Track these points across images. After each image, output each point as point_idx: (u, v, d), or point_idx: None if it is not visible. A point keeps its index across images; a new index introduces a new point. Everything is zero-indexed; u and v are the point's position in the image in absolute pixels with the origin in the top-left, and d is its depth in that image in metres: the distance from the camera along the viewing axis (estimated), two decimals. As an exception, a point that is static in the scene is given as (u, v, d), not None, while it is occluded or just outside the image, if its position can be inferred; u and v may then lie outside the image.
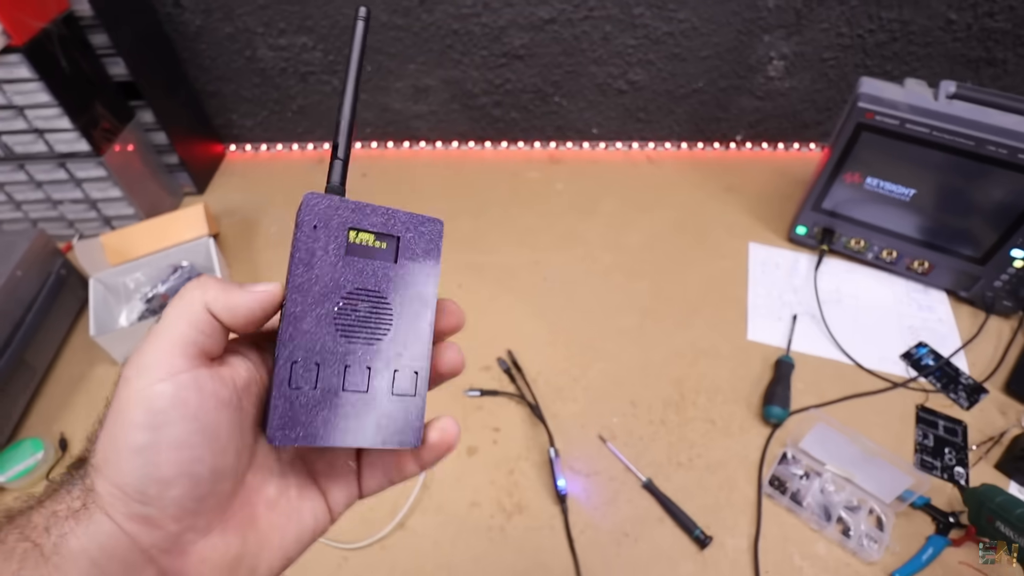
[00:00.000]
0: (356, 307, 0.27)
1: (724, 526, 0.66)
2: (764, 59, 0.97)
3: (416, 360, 0.28)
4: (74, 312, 0.88)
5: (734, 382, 0.79)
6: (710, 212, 1.01)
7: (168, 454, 0.23)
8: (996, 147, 0.71)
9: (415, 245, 0.28)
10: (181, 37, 0.99)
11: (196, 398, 0.23)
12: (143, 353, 0.23)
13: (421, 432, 0.28)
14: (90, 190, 0.93)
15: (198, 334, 0.24)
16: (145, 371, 0.23)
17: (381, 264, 0.28)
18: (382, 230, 0.28)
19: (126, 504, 0.22)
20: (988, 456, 0.71)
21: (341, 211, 0.27)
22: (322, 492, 0.29)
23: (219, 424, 0.24)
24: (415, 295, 0.28)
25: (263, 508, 0.27)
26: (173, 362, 0.23)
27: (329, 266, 0.27)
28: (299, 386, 0.26)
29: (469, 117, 1.09)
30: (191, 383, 0.23)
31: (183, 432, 0.23)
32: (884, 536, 0.64)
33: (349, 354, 0.27)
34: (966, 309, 0.86)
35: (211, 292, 0.25)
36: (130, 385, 0.23)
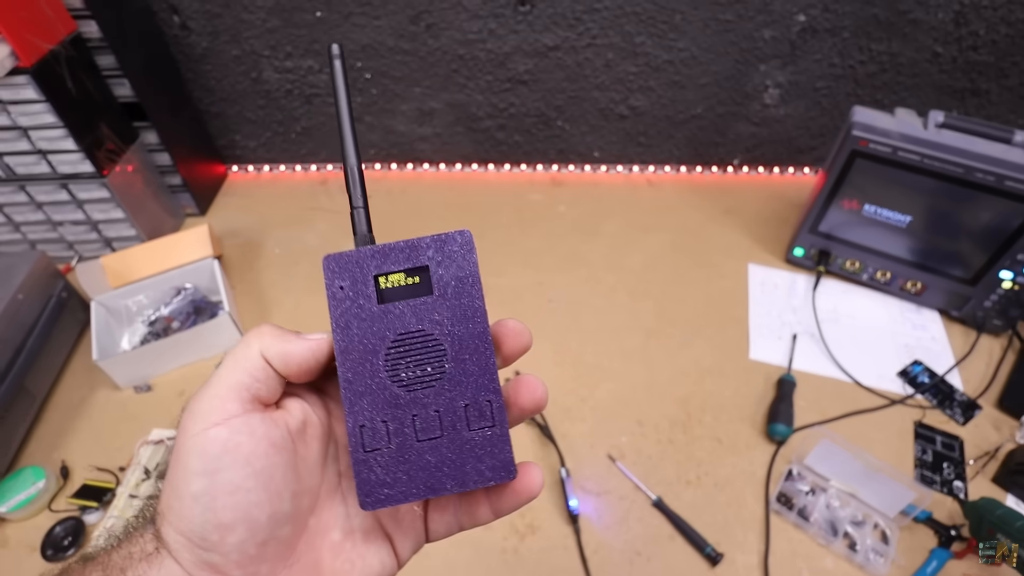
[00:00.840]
0: (405, 353, 0.26)
1: (734, 543, 0.68)
2: (760, 87, 1.01)
3: (484, 388, 0.26)
4: (75, 336, 0.87)
5: (738, 400, 0.81)
6: (709, 234, 1.04)
7: (225, 499, 0.23)
8: (984, 174, 0.75)
9: (447, 267, 0.26)
10: (187, 59, 1.00)
11: (248, 442, 0.24)
12: (199, 399, 0.24)
13: (513, 464, 0.26)
14: (92, 211, 0.93)
15: (252, 380, 0.24)
16: (200, 417, 0.24)
17: (418, 301, 0.26)
18: (408, 265, 0.26)
19: (191, 551, 0.23)
20: (985, 470, 0.73)
21: (362, 262, 0.26)
22: (388, 537, 0.28)
23: (273, 468, 0.24)
24: (462, 320, 0.26)
25: (328, 554, 0.27)
26: (226, 407, 0.24)
27: (367, 322, 0.26)
28: (373, 448, 0.25)
29: (473, 140, 1.11)
30: (243, 427, 0.24)
31: (237, 476, 0.23)
32: (890, 550, 0.66)
33: (413, 403, 0.26)
34: (958, 328, 0.89)
35: (267, 340, 0.25)
36: (186, 432, 0.23)
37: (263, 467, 0.24)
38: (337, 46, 0.28)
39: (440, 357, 0.26)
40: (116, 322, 0.87)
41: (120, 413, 0.80)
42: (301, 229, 1.05)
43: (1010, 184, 0.73)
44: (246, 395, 0.24)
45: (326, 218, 1.08)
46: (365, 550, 0.27)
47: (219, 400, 0.24)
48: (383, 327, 0.26)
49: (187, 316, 0.88)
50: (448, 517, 0.29)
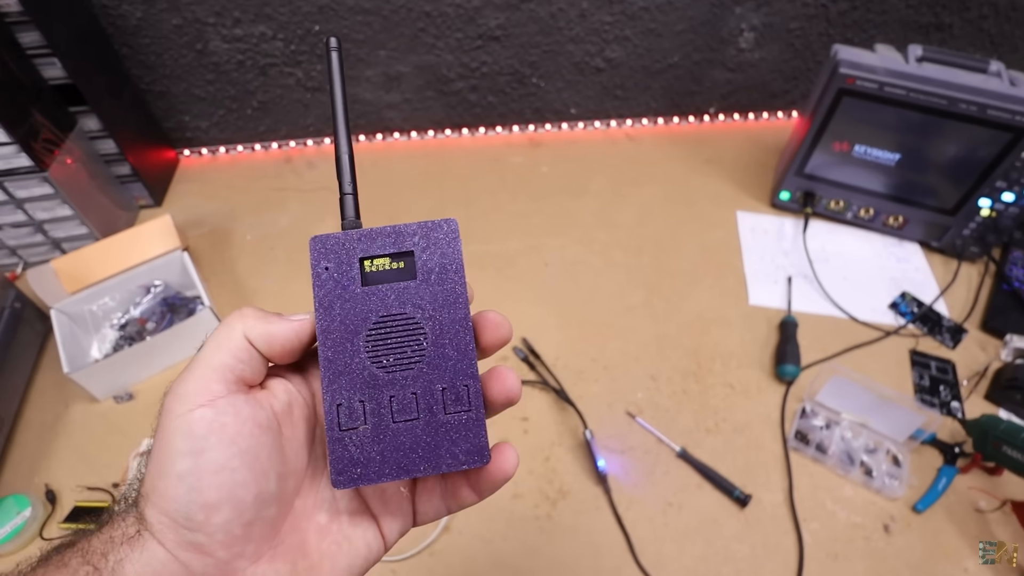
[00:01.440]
0: (386, 335, 0.26)
1: (759, 483, 0.69)
2: (735, 31, 1.00)
3: (462, 373, 0.27)
4: (36, 349, 0.79)
5: (745, 346, 0.82)
6: (694, 185, 1.03)
7: (210, 478, 0.23)
8: (967, 104, 0.76)
9: (431, 254, 0.27)
10: (120, 32, 0.90)
11: (234, 422, 0.24)
12: (183, 381, 0.24)
13: (487, 449, 0.27)
14: (34, 211, 0.83)
15: (236, 362, 0.25)
16: (184, 398, 0.24)
17: (402, 285, 0.27)
18: (394, 250, 0.27)
19: (175, 531, 0.23)
20: (977, 389, 0.77)
21: (348, 244, 0.27)
22: (375, 519, 0.28)
23: (258, 448, 0.24)
24: (444, 305, 0.27)
25: (313, 535, 0.26)
26: (211, 388, 0.24)
27: (349, 303, 0.26)
28: (349, 427, 0.26)
29: (445, 104, 1.06)
30: (228, 408, 0.24)
31: (223, 456, 0.23)
32: (903, 472, 0.69)
33: (391, 384, 0.26)
34: (938, 258, 0.93)
35: (250, 321, 0.25)
36: (171, 413, 0.23)
37: (249, 447, 0.24)
38: (335, 39, 0.29)
39: (420, 341, 0.27)
40: (82, 330, 0.79)
41: (102, 427, 0.74)
42: (271, 212, 0.99)
43: (992, 113, 0.76)
44: (230, 376, 0.24)
45: (296, 198, 1.01)
46: (352, 531, 0.27)
47: (204, 381, 0.24)
48: (366, 308, 0.26)
49: (162, 315, 0.81)
50: (435, 499, 0.29)
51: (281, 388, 0.27)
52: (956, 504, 0.67)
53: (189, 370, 0.24)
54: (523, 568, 0.63)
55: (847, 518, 0.66)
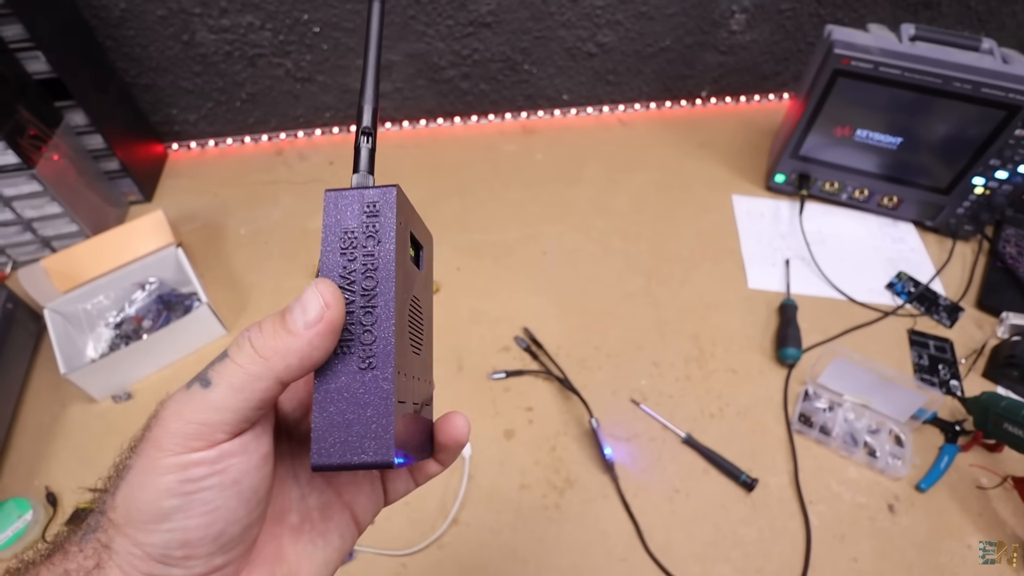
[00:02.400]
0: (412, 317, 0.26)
1: (764, 467, 0.70)
2: (727, 13, 0.99)
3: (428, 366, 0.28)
4: (30, 350, 0.78)
5: (745, 330, 0.82)
6: (688, 169, 1.03)
7: (200, 518, 0.21)
8: (961, 83, 0.76)
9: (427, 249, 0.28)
10: (103, 23, 0.87)
11: (240, 466, 0.21)
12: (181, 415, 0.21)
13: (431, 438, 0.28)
14: (23, 209, 0.81)
15: (255, 411, 0.21)
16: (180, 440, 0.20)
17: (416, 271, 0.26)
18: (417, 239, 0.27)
19: (147, 564, 0.20)
20: (975, 367, 0.78)
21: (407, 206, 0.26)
22: (347, 505, 0.27)
23: (260, 483, 0.22)
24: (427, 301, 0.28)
25: (288, 539, 0.25)
26: (216, 437, 0.21)
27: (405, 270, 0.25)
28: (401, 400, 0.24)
29: (437, 92, 1.04)
30: (238, 452, 0.21)
31: (220, 497, 0.21)
32: (906, 452, 0.70)
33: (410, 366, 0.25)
34: (932, 237, 0.93)
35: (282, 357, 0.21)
36: (160, 447, 0.20)
37: (252, 484, 0.22)
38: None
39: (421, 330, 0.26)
40: (76, 329, 0.78)
41: (101, 427, 0.73)
42: (264, 205, 0.97)
43: (986, 91, 0.76)
44: (244, 425, 0.21)
45: (288, 190, 1.00)
46: (324, 526, 0.26)
47: (208, 429, 0.21)
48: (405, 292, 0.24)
49: (158, 313, 0.80)
50: (404, 475, 0.29)
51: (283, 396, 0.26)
52: (958, 482, 0.68)
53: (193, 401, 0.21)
54: (532, 558, 0.63)
55: (852, 499, 0.67)
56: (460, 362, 0.77)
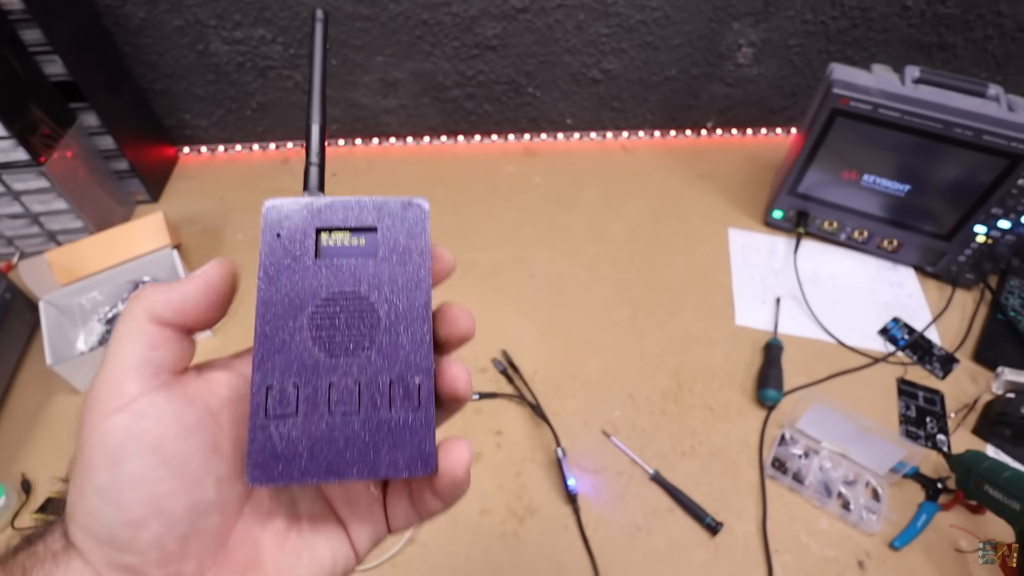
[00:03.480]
0: (334, 314, 0.24)
1: (732, 511, 0.68)
2: (733, 46, 0.99)
3: (414, 366, 0.24)
4: (24, 339, 0.80)
5: (727, 367, 0.80)
6: (687, 199, 1.02)
7: (131, 493, 0.20)
8: (963, 129, 0.75)
9: (396, 233, 0.25)
10: (123, 31, 0.91)
11: (156, 426, 0.21)
12: (96, 385, 0.21)
13: (434, 455, 0.23)
14: (31, 203, 0.85)
15: (149, 351, 0.22)
16: (97, 405, 0.21)
17: (359, 261, 0.24)
18: (356, 224, 0.25)
19: (102, 551, 0.20)
20: (965, 422, 0.75)
21: (306, 212, 0.24)
22: (342, 524, 0.25)
23: (189, 452, 0.21)
24: (403, 289, 0.24)
25: (269, 546, 0.24)
26: (124, 389, 0.21)
27: (298, 274, 0.24)
28: (278, 414, 0.22)
29: (441, 111, 1.06)
30: (148, 410, 0.21)
31: (143, 467, 0.20)
32: (881, 507, 0.67)
33: (332, 369, 0.23)
34: (932, 283, 0.91)
35: (152, 298, 0.22)
36: (85, 422, 0.21)
37: (175, 453, 0.21)
38: (321, 10, 0.28)
39: (372, 325, 0.24)
40: (69, 322, 0.80)
41: (82, 420, 0.75)
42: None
43: (987, 138, 0.74)
44: (147, 370, 0.21)
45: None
46: (314, 539, 0.24)
47: (116, 382, 0.21)
48: (315, 283, 0.24)
49: (147, 312, 0.82)
50: (404, 503, 0.26)
51: (224, 379, 0.24)
52: (935, 543, 0.65)
53: (100, 370, 0.21)
54: (485, 584, 0.63)
55: (821, 552, 0.65)
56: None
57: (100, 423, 0.21)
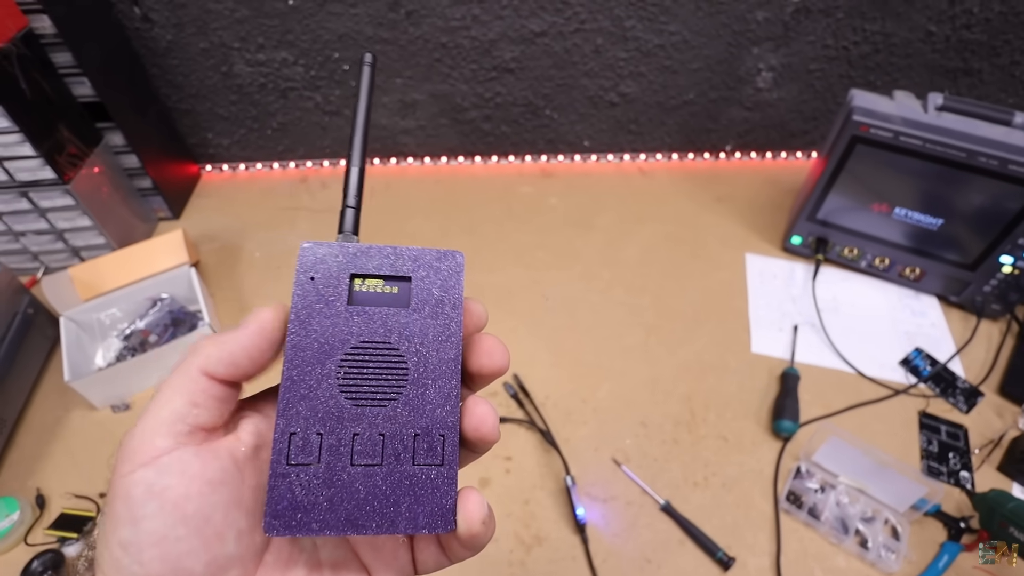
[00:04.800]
0: (363, 363, 0.24)
1: (745, 545, 0.66)
2: (753, 71, 0.98)
3: (440, 421, 0.24)
4: (44, 353, 0.82)
5: (742, 396, 0.79)
6: (704, 223, 1.01)
7: (151, 551, 0.20)
8: (987, 158, 0.73)
9: (430, 285, 0.25)
10: (151, 53, 0.94)
11: (179, 484, 0.21)
12: (130, 435, 0.22)
13: (454, 512, 0.23)
14: (56, 220, 0.87)
15: (191, 407, 0.22)
16: (128, 457, 0.21)
17: (391, 311, 0.24)
18: (390, 272, 0.25)
19: None
20: (990, 459, 0.73)
21: (341, 257, 0.24)
22: (366, 570, 0.25)
23: (211, 509, 0.21)
24: (434, 342, 0.24)
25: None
26: (155, 444, 0.21)
27: (330, 320, 0.24)
28: (299, 463, 0.22)
29: (458, 132, 1.07)
30: (173, 467, 0.21)
31: (163, 525, 0.21)
32: (901, 546, 0.65)
33: (358, 419, 0.23)
34: (956, 313, 0.88)
35: (206, 351, 0.22)
36: (116, 472, 0.21)
37: (196, 510, 0.21)
38: (371, 55, 0.28)
39: (401, 376, 0.24)
40: (89, 338, 0.82)
41: (97, 435, 0.76)
42: (282, 230, 1.01)
43: (1013, 168, 0.72)
44: (181, 427, 0.22)
45: (308, 217, 1.03)
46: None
47: (148, 436, 0.21)
48: (346, 330, 0.24)
49: (164, 328, 0.83)
50: (433, 547, 0.25)
51: (250, 427, 0.24)
52: (957, 585, 0.63)
53: (138, 422, 0.22)
54: (490, 614, 0.62)
55: (836, 590, 0.63)
56: None
57: (126, 476, 0.21)
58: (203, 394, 0.22)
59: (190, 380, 0.22)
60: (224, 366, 0.22)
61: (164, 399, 0.22)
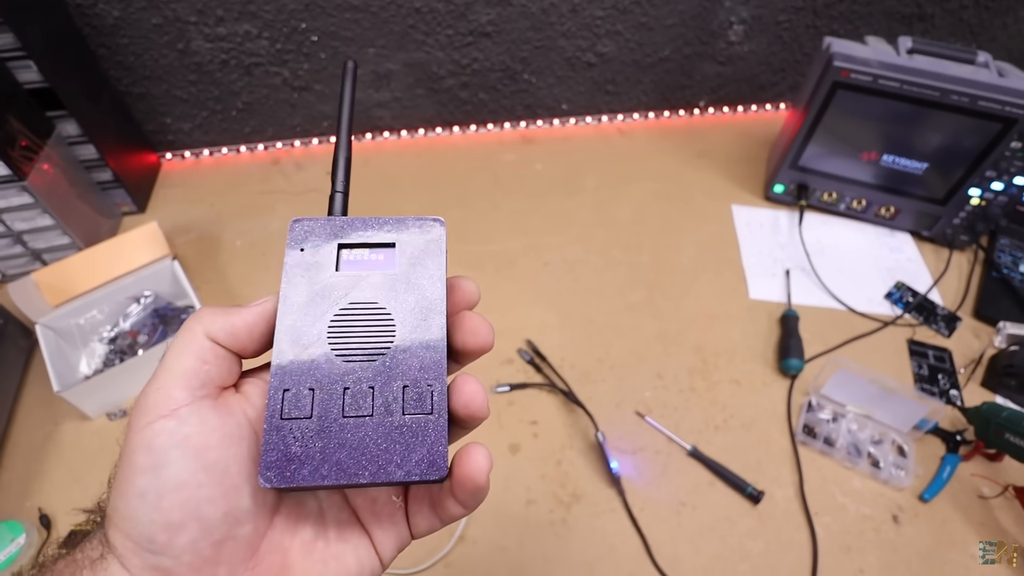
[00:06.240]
0: (351, 322, 0.25)
1: (770, 479, 0.70)
2: (725, 24, 1.00)
3: (428, 373, 0.24)
4: (20, 366, 0.76)
5: (747, 340, 0.82)
6: (688, 179, 1.03)
7: (172, 496, 0.21)
8: (959, 96, 0.77)
9: (413, 248, 0.27)
10: (96, 32, 0.86)
11: (199, 433, 0.22)
12: (145, 392, 0.23)
13: (445, 460, 0.23)
14: (13, 221, 0.79)
15: (200, 364, 0.23)
16: (146, 410, 0.22)
17: (378, 273, 0.26)
18: (376, 240, 0.26)
19: (139, 555, 0.21)
20: (974, 376, 0.79)
21: (328, 229, 0.26)
22: (367, 532, 0.26)
23: (228, 460, 0.23)
24: (419, 301, 0.26)
25: (297, 554, 0.24)
26: (173, 396, 0.22)
27: (319, 285, 0.25)
28: (292, 416, 0.23)
29: (435, 101, 1.04)
30: (192, 417, 0.22)
31: (185, 471, 0.21)
32: (909, 462, 0.70)
33: (348, 374, 0.24)
34: (928, 247, 0.94)
35: (209, 318, 0.24)
36: (132, 427, 0.22)
37: (216, 460, 0.22)
38: (352, 62, 0.30)
39: (389, 333, 0.25)
40: (69, 345, 0.76)
41: (95, 445, 0.71)
42: (261, 216, 0.96)
43: (983, 104, 0.77)
44: (195, 382, 0.23)
45: (286, 200, 0.99)
46: (340, 548, 0.25)
47: (165, 390, 0.22)
48: (335, 293, 0.25)
49: (153, 327, 0.78)
50: (426, 510, 0.26)
51: (258, 392, 0.25)
52: (960, 492, 0.69)
53: (152, 379, 0.23)
54: (540, 574, 0.63)
55: (857, 510, 0.67)
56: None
57: (147, 427, 0.21)
58: (210, 352, 0.23)
59: (195, 340, 0.23)
60: (225, 334, 0.24)
61: (173, 358, 0.23)
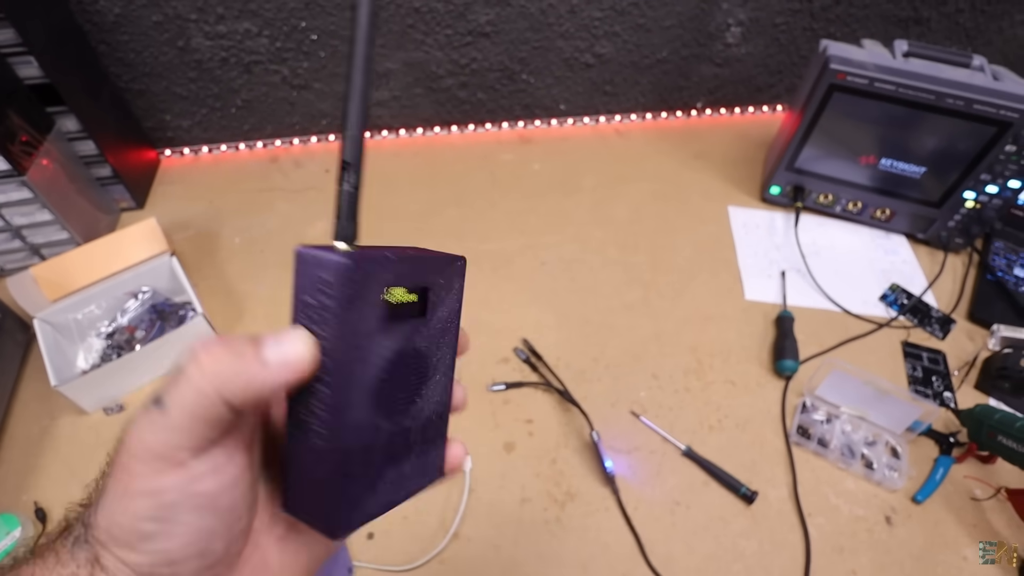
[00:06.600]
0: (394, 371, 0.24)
1: (764, 479, 0.70)
2: (723, 26, 1.00)
3: (442, 405, 0.27)
4: (18, 361, 0.76)
5: (743, 341, 0.82)
6: (684, 180, 1.04)
7: (180, 539, 0.21)
8: (954, 99, 0.78)
9: (441, 290, 0.26)
10: (97, 28, 0.86)
11: (213, 485, 0.21)
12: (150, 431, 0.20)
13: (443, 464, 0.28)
14: (12, 216, 0.80)
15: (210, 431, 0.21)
16: (150, 456, 0.20)
17: (415, 322, 0.25)
18: (412, 282, 0.24)
19: None
20: (968, 379, 0.79)
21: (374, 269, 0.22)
22: None
23: (237, 499, 0.23)
24: (445, 343, 0.27)
25: (274, 549, 0.25)
26: (179, 456, 0.20)
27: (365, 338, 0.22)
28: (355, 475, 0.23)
29: (434, 101, 1.04)
30: (207, 472, 0.21)
31: (198, 519, 0.21)
32: (902, 464, 0.70)
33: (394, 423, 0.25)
34: (923, 249, 0.95)
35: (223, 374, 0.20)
36: (131, 472, 0.20)
37: (227, 504, 0.22)
38: None
39: (422, 380, 0.26)
40: (66, 339, 0.76)
41: (92, 440, 0.71)
42: (259, 213, 0.96)
43: (978, 107, 0.77)
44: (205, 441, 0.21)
45: (284, 198, 0.99)
46: (309, 538, 0.26)
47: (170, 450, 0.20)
48: (383, 346, 0.23)
49: (151, 323, 0.78)
50: None
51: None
52: (953, 493, 0.69)
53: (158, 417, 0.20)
54: (534, 573, 0.63)
55: (850, 511, 0.67)
56: (459, 373, 0.76)
57: (153, 479, 0.20)
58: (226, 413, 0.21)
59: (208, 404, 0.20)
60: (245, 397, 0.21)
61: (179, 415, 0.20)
